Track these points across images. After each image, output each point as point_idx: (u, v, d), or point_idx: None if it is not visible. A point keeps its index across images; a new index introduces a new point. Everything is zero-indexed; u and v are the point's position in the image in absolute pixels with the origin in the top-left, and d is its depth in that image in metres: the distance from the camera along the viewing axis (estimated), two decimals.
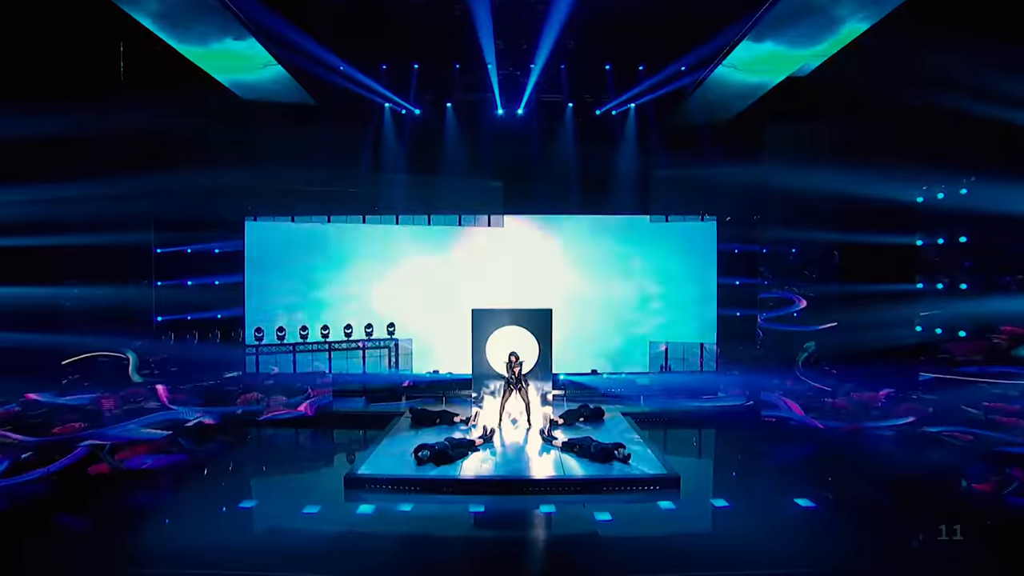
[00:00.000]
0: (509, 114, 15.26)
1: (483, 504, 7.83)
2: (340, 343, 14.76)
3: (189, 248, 14.65)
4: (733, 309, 15.83)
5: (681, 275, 15.13)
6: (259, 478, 9.62)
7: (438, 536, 7.18)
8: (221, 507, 7.88)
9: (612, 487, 8.36)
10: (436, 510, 7.89)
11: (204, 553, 6.44)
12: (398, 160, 15.19)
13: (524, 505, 7.90)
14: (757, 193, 14.47)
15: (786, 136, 14.38)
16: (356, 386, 14.05)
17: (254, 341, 14.51)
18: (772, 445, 10.80)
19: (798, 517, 7.44)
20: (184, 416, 10.86)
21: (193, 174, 12.82)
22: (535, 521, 7.54)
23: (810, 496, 7.90)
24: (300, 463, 10.54)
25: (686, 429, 12.29)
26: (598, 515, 7.45)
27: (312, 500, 7.88)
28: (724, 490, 8.81)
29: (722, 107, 14.25)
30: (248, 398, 12.17)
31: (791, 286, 15.38)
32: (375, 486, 8.35)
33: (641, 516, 7.71)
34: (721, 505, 7.83)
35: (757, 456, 10.58)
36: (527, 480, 8.53)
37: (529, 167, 15.29)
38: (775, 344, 14.94)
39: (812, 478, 9.06)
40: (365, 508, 7.70)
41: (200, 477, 9.15)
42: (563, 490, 8.30)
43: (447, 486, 8.36)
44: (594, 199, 15.29)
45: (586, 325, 14.97)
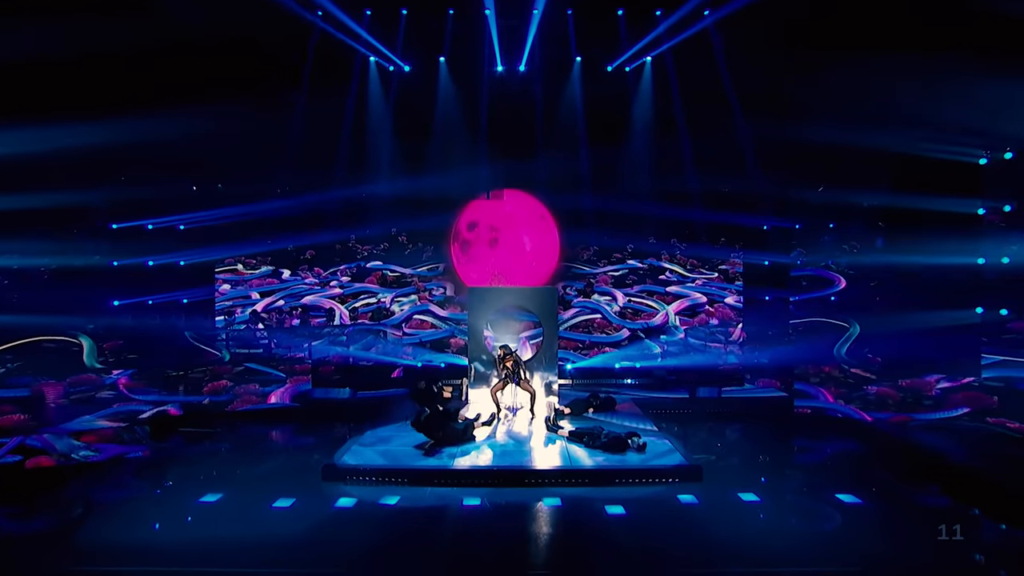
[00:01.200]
0: (509, 71, 15.13)
1: (479, 497, 7.85)
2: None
3: (150, 224, 14.58)
4: (762, 290, 15.74)
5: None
6: (225, 471, 9.56)
7: (426, 532, 7.14)
8: (180, 501, 7.87)
9: (626, 479, 8.30)
10: (426, 503, 7.87)
11: (153, 550, 6.47)
12: (383, 122, 15.12)
13: (525, 498, 7.90)
14: (795, 153, 14.22)
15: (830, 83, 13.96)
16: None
17: (222, 324, 14.46)
18: (807, 438, 10.77)
19: (836, 515, 7.41)
20: (143, 406, 10.76)
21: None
22: (537, 515, 7.51)
23: (850, 492, 7.88)
24: (273, 455, 10.54)
25: (710, 421, 12.31)
26: (610, 509, 7.41)
27: (284, 494, 7.86)
28: (753, 484, 8.69)
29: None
30: (217, 386, 12.08)
31: (828, 263, 15.24)
32: (357, 477, 8.34)
33: (659, 511, 7.63)
34: (750, 500, 7.78)
35: (789, 449, 10.54)
36: (529, 471, 8.50)
37: (532, 133, 15.21)
38: (811, 328, 14.79)
39: (849, 473, 9.04)
40: (345, 501, 7.72)
41: (158, 470, 9.13)
42: (570, 482, 8.26)
43: (439, 477, 8.33)
44: (607, 169, 15.18)
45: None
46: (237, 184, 14.30)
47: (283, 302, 16.32)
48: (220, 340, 14.81)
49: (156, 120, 11.84)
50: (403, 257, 16.85)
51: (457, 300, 16.80)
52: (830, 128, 12.71)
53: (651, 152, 15.29)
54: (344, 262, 16.71)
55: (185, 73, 12.13)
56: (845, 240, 14.97)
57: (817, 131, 12.92)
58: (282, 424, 11.84)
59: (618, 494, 7.92)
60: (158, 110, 11.80)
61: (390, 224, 16.28)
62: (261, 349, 14.94)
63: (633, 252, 16.96)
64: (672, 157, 15.30)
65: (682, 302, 16.74)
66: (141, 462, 9.27)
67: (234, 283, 16.16)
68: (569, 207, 16.12)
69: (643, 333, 16.37)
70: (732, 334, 16.10)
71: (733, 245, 16.54)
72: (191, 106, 11.76)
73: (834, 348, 13.80)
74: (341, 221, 15.74)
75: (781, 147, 14.15)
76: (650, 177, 15.30)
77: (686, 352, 15.82)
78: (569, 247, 16.81)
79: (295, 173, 14.51)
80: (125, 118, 11.41)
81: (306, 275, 16.55)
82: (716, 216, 15.72)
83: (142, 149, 12.54)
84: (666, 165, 15.31)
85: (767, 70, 13.35)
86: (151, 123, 11.77)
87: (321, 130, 14.59)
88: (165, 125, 11.93)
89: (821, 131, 12.85)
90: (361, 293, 16.77)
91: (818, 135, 13.06)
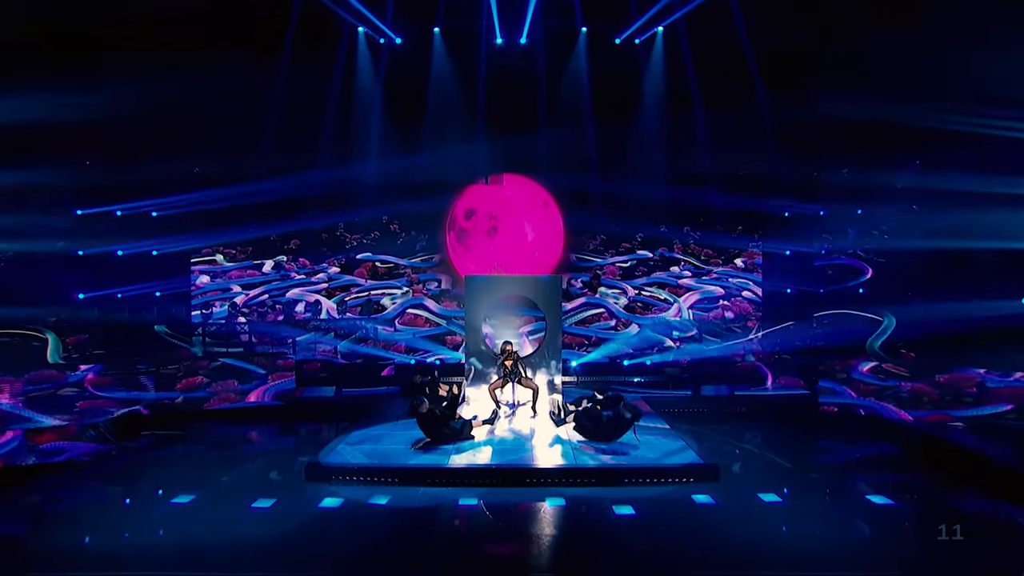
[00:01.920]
0: (509, 44, 15.05)
1: (476, 497, 7.83)
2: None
3: (119, 210, 14.49)
4: (782, 282, 15.63)
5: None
6: (199, 471, 9.49)
7: (418, 534, 7.06)
8: (149, 503, 7.84)
9: (635, 479, 8.26)
10: (418, 504, 7.82)
11: (118, 555, 6.41)
12: (372, 99, 15.03)
13: (527, 499, 7.86)
14: (821, 129, 14.08)
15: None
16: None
17: (200, 319, 14.40)
18: (834, 437, 10.80)
19: (866, 516, 7.37)
20: (111, 406, 10.73)
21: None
22: (539, 517, 7.46)
23: (880, 493, 7.83)
24: (252, 455, 10.55)
25: (727, 421, 12.33)
26: (618, 509, 7.38)
27: (264, 494, 7.85)
28: (775, 484, 8.65)
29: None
30: (191, 383, 12.05)
31: (856, 252, 15.13)
32: (344, 477, 8.32)
33: (671, 511, 7.59)
34: (772, 500, 7.75)
35: (814, 448, 10.57)
36: (530, 469, 8.46)
37: (534, 111, 15.09)
38: (837, 322, 14.67)
39: (882, 474, 9.05)
40: (330, 502, 7.71)
41: (126, 471, 9.08)
42: (574, 482, 8.23)
43: (433, 476, 8.29)
44: (614, 150, 15.10)
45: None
46: (213, 165, 14.16)
47: (266, 296, 16.24)
48: (196, 335, 14.67)
49: (119, 91, 11.72)
50: (395, 247, 16.74)
51: (453, 294, 16.69)
52: (858, 100, 12.53)
53: (663, 132, 15.15)
54: (331, 252, 16.62)
55: (153, 37, 11.97)
56: (875, 225, 14.83)
57: (844, 104, 12.74)
58: (263, 424, 11.84)
59: (627, 494, 7.90)
60: (121, 80, 11.69)
61: (380, 210, 16.17)
62: (241, 346, 14.83)
63: (643, 241, 16.84)
64: (685, 137, 15.17)
65: (696, 295, 16.63)
66: (107, 462, 9.21)
67: (212, 275, 16.09)
68: (574, 191, 16.01)
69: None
70: (751, 329, 16.00)
71: (752, 233, 16.43)
72: (160, 76, 11.64)
73: (867, 343, 13.67)
74: (327, 206, 15.61)
75: (805, 123, 13.97)
76: (662, 159, 15.15)
77: (700, 347, 15.81)
78: (574, 236, 16.69)
79: (276, 153, 14.34)
80: (86, 89, 11.29)
81: (290, 266, 16.46)
82: (733, 201, 15.57)
83: (106, 125, 12.39)
84: (679, 146, 15.19)
85: (790, 37, 13.16)
86: (114, 95, 11.65)
87: (304, 107, 14.45)
88: (130, 97, 11.81)
89: (848, 104, 12.67)
90: (350, 286, 16.67)
91: (845, 109, 12.89)
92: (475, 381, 12.24)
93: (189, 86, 12.06)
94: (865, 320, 14.20)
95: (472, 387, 12.08)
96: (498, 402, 11.05)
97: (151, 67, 11.70)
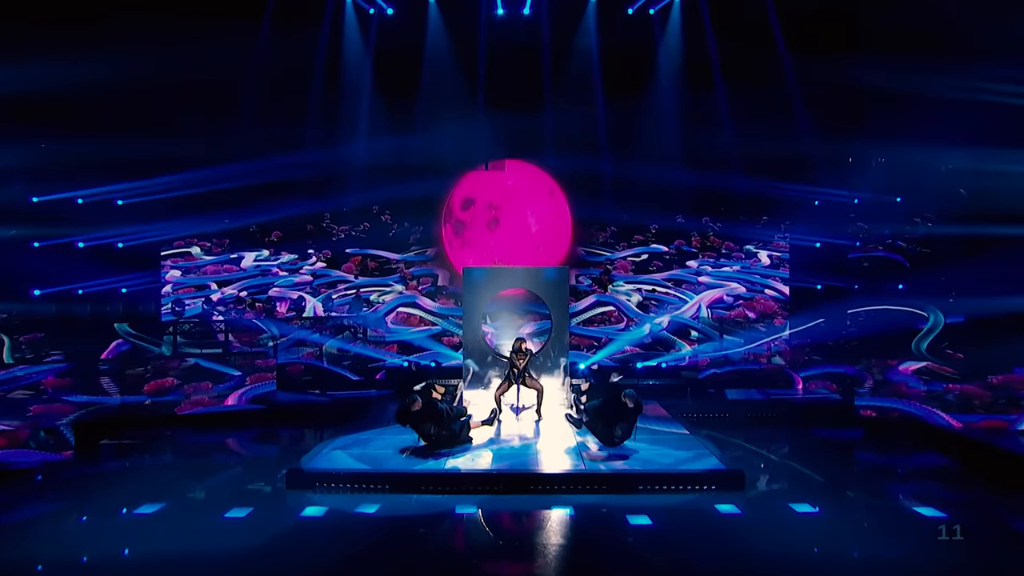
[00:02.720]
0: (512, 14, 14.99)
1: (476, 505, 7.79)
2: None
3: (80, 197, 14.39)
4: (812, 278, 15.50)
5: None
6: (167, 478, 9.46)
7: (410, 545, 6.99)
8: (110, 514, 7.76)
9: (651, 485, 8.23)
10: (411, 512, 7.78)
11: (76, 570, 6.35)
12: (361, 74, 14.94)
13: (531, 507, 7.82)
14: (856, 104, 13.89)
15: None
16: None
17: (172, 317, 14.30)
18: (874, 443, 10.83)
19: (913, 530, 7.29)
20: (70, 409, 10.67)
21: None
22: (545, 526, 7.44)
23: (928, 504, 7.77)
24: (227, 462, 10.51)
25: (754, 427, 12.29)
26: (633, 519, 7.31)
27: (239, 503, 7.82)
28: (807, 493, 8.59)
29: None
30: (160, 385, 12.06)
31: (896, 244, 14.97)
32: (329, 484, 8.30)
33: (692, 522, 7.55)
34: (806, 511, 7.68)
35: (852, 456, 10.57)
36: (536, 475, 8.44)
37: (539, 87, 15.00)
38: (875, 319, 14.52)
39: (931, 484, 9.03)
40: (313, 511, 7.64)
41: (83, 481, 9.05)
42: (584, 488, 8.20)
43: (428, 483, 8.24)
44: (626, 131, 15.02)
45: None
46: (186, 146, 14.00)
47: (245, 292, 16.15)
48: (168, 334, 14.64)
49: (79, 63, 11.57)
50: (386, 239, 16.69)
51: (450, 291, 16.62)
52: (900, 68, 12.29)
53: (679, 110, 15.09)
54: (317, 245, 16.58)
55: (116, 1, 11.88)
56: (917, 212, 14.65)
57: (884, 74, 12.53)
58: (240, 429, 11.80)
59: (642, 502, 7.87)
60: (82, 49, 11.54)
61: (370, 197, 16.09)
62: (218, 346, 14.77)
63: (658, 233, 16.74)
64: (705, 116, 15.11)
65: (716, 293, 16.54)
66: (63, 471, 9.20)
67: (186, 270, 16.02)
68: (582, 176, 15.92)
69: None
70: (777, 328, 15.90)
71: (778, 223, 16.29)
72: (126, 46, 11.53)
73: (912, 343, 13.51)
74: (311, 191, 15.54)
75: (839, 98, 13.81)
76: (678, 140, 15.10)
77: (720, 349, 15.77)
78: (583, 228, 16.56)
79: (255, 133, 14.22)
80: (43, 58, 11.20)
81: (272, 260, 16.42)
82: (757, 186, 15.43)
83: (65, 101, 12.22)
84: (698, 126, 15.15)
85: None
86: (73, 67, 11.51)
87: (286, 82, 14.42)
88: (93, 70, 11.67)
89: (889, 73, 12.46)
90: (338, 282, 16.61)
91: (885, 79, 12.67)
92: (473, 384, 12.21)
93: (158, 58, 11.96)
94: (906, 316, 14.02)
95: (470, 389, 12.04)
96: (500, 405, 11.04)
97: (116, 36, 11.63)
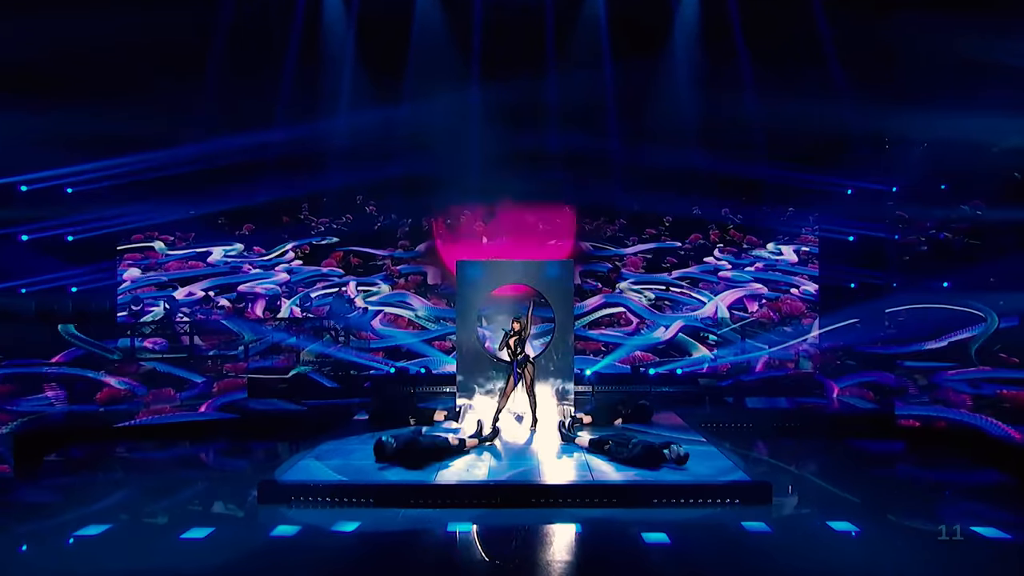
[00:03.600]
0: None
1: (471, 521, 7.82)
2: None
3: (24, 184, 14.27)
4: (845, 275, 15.39)
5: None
6: (119, 497, 9.48)
7: (397, 565, 6.96)
8: (50, 535, 7.78)
9: (667, 499, 8.27)
10: (398, 528, 7.79)
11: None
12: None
13: (532, 522, 7.84)
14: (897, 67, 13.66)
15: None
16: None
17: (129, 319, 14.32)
18: (919, 457, 11.08)
19: (971, 552, 7.26)
20: None
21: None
22: (548, 543, 7.44)
23: (988, 524, 7.77)
24: (190, 477, 10.48)
25: (780, 438, 12.44)
26: (648, 536, 7.31)
27: (200, 521, 7.87)
28: (844, 508, 8.59)
29: None
30: (114, 393, 12.12)
31: (940, 236, 14.86)
32: (305, 498, 8.31)
33: (714, 539, 7.56)
34: (844, 529, 7.69)
35: (893, 468, 10.82)
36: (537, 487, 8.48)
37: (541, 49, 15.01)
38: (918, 318, 14.42)
39: (989, 502, 9.04)
40: (285, 529, 7.65)
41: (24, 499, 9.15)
42: (592, 502, 8.26)
43: (417, 496, 8.27)
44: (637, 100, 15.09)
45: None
46: (144, 123, 13.86)
47: (211, 292, 16.15)
48: (126, 337, 14.61)
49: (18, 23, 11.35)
50: (371, 233, 16.67)
51: (442, 290, 16.60)
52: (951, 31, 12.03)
53: (696, 78, 14.97)
54: (293, 239, 16.57)
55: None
56: (965, 199, 14.47)
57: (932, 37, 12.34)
58: (205, 440, 11.93)
59: (657, 517, 7.91)
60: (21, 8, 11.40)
61: (352, 177, 15.97)
62: (184, 351, 14.75)
63: (673, 225, 16.72)
64: (726, 84, 14.93)
65: (736, 292, 16.54)
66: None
67: (146, 266, 15.98)
68: (588, 154, 15.80)
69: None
70: (805, 328, 15.90)
71: (806, 215, 16.25)
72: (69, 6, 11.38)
73: (962, 345, 13.43)
74: (286, 171, 15.42)
75: (879, 63, 13.58)
76: (695, 115, 14.96)
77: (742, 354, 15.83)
78: (590, 220, 16.53)
79: (222, 106, 14.08)
80: None
81: (243, 256, 16.45)
82: (782, 171, 15.36)
83: None
84: (717, 102, 14.93)
85: None
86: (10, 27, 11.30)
87: (256, 48, 14.29)
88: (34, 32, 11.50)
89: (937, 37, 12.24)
90: (316, 280, 16.60)
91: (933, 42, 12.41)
92: (473, 394, 12.29)
93: (108, 19, 11.77)
94: (953, 315, 13.90)
95: (469, 401, 12.17)
96: (500, 410, 11.21)
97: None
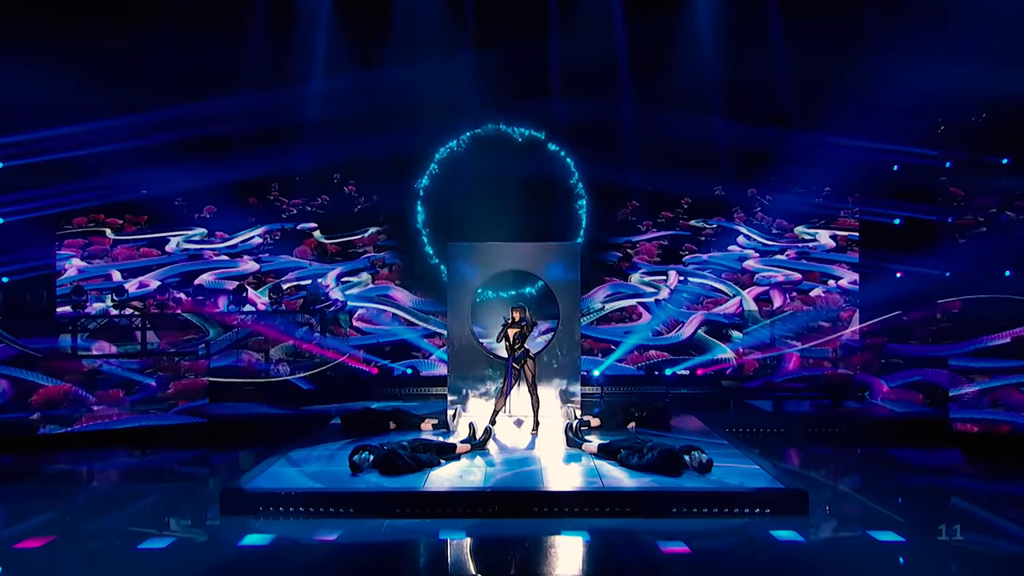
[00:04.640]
0: None
1: (465, 531, 7.87)
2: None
3: None
4: (889, 263, 15.50)
5: None
6: (61, 508, 9.44)
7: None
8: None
9: (687, 507, 8.29)
10: (382, 539, 7.80)
11: None
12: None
13: (534, 532, 7.86)
14: None
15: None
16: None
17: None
18: (978, 467, 11.18)
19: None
20: None
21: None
22: (552, 556, 7.45)
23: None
24: (141, 488, 10.53)
25: (816, 444, 12.58)
26: (665, 546, 7.36)
27: (158, 532, 7.98)
28: (889, 518, 8.68)
29: None
30: (51, 395, 12.12)
31: (999, 215, 14.88)
32: (276, 508, 8.34)
33: (741, 551, 7.63)
34: (889, 540, 7.72)
35: (948, 477, 10.94)
36: (540, 494, 8.50)
37: None
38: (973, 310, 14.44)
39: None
40: (255, 539, 7.68)
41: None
42: (602, 510, 8.30)
43: (404, 504, 8.31)
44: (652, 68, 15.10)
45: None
46: (90, 90, 13.79)
47: (164, 282, 16.25)
48: (66, 333, 14.71)
49: None
50: (350, 216, 16.83)
51: None
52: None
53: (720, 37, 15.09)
54: (262, 223, 16.71)
55: None
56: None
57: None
58: (160, 447, 12.07)
59: (677, 527, 7.97)
60: None
61: (328, 153, 16.04)
62: (135, 348, 14.78)
63: (692, 207, 16.83)
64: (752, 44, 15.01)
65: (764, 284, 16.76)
66: None
67: (91, 254, 16.07)
68: (597, 125, 15.87)
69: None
70: (844, 323, 16.00)
71: (844, 195, 16.33)
72: None
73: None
74: (252, 148, 15.46)
75: None
76: (718, 76, 15.12)
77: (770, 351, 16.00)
78: (601, 203, 16.67)
79: (179, 70, 14.09)
80: None
81: (206, 242, 16.53)
82: (817, 143, 15.38)
83: None
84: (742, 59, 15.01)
85: None
86: None
87: None
88: None
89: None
90: (288, 270, 16.74)
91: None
92: (466, 397, 12.43)
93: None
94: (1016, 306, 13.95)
95: (462, 406, 12.31)
96: (498, 410, 11.30)
97: None
